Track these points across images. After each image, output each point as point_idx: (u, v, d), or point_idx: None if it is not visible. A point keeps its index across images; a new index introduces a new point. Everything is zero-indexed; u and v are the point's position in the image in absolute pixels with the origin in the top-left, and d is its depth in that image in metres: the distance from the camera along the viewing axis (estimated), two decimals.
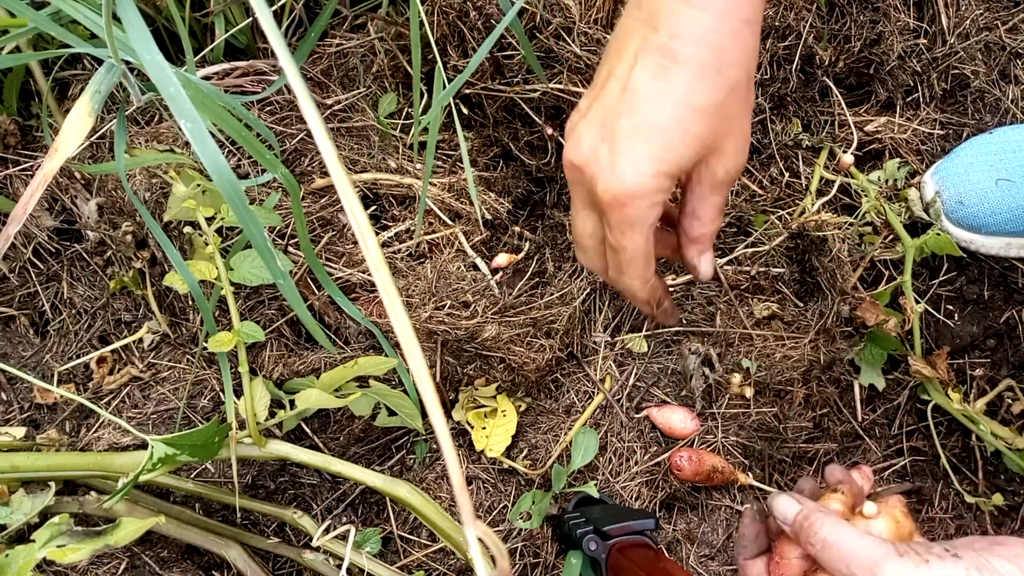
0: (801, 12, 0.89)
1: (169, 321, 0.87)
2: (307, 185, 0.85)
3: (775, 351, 0.87)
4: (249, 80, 0.89)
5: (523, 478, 0.85)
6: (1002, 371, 0.92)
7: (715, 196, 0.57)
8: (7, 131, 0.87)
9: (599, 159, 0.53)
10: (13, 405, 0.86)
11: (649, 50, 0.51)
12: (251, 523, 0.84)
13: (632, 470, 0.85)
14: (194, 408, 0.85)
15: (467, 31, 0.85)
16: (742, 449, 0.87)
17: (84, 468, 0.75)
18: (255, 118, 0.76)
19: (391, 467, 0.87)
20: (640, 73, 0.52)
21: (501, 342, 0.81)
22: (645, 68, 0.52)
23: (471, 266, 0.87)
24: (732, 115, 0.54)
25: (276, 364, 0.82)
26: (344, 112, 0.90)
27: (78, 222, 0.87)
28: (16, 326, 0.89)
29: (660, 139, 0.51)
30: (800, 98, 0.92)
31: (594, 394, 0.87)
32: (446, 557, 0.83)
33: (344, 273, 0.83)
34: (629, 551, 0.73)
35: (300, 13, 0.93)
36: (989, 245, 0.88)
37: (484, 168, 0.93)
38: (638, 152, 0.52)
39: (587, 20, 0.85)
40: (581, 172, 0.54)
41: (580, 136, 0.54)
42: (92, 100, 0.58)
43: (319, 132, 0.33)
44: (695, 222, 0.59)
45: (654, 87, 0.51)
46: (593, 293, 0.90)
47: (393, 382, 0.83)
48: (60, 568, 0.78)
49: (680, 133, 0.51)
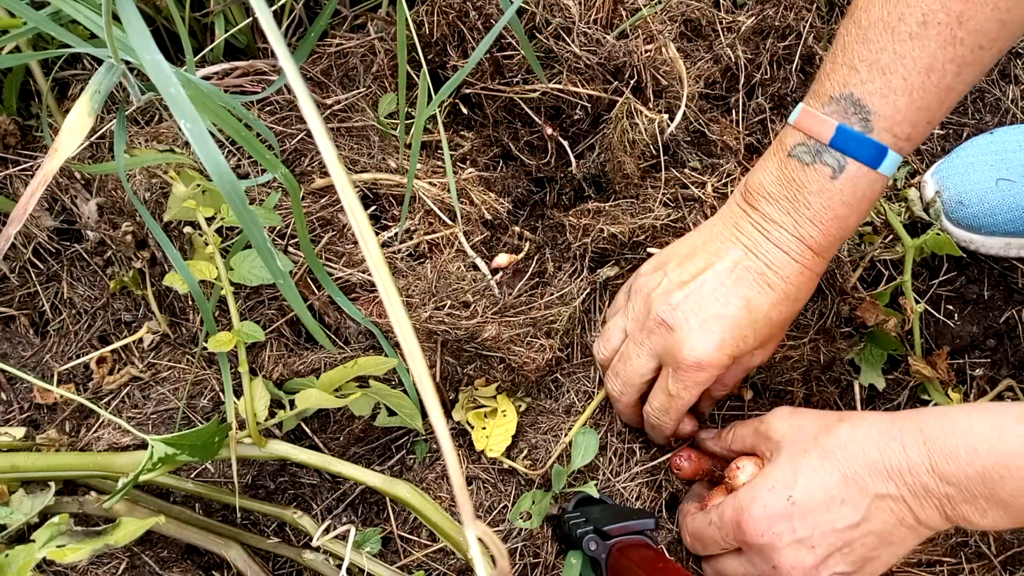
0: (801, 12, 0.89)
1: (169, 321, 0.87)
2: (307, 185, 0.85)
3: (775, 351, 0.87)
4: (249, 80, 0.89)
5: (523, 478, 0.85)
6: (1002, 371, 0.92)
7: (741, 374, 0.79)
8: (7, 131, 0.87)
9: (691, 328, 0.70)
10: (13, 405, 0.86)
11: (748, 269, 0.69)
12: (251, 523, 0.84)
13: (632, 470, 0.85)
14: (194, 408, 0.85)
15: (467, 31, 0.85)
16: None
17: (84, 468, 0.75)
18: (255, 118, 0.76)
19: (391, 467, 0.87)
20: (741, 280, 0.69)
21: (501, 342, 0.81)
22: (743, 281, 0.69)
23: (471, 266, 0.87)
24: (782, 328, 0.74)
25: (276, 364, 0.82)
26: (344, 112, 0.90)
27: (78, 222, 0.87)
28: (16, 326, 0.89)
29: (739, 332, 0.69)
30: (800, 98, 0.92)
31: (594, 394, 0.87)
32: (446, 557, 0.83)
33: (344, 273, 0.83)
34: (629, 551, 0.73)
35: (300, 13, 0.93)
36: (989, 245, 0.88)
37: (484, 168, 0.93)
38: (723, 337, 0.69)
39: (587, 20, 0.85)
40: (671, 331, 0.71)
41: (676, 306, 0.71)
42: (92, 100, 0.58)
43: (319, 132, 0.33)
44: (718, 385, 0.79)
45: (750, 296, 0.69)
46: (593, 293, 0.90)
47: (393, 382, 0.83)
48: (60, 568, 0.79)
49: (752, 332, 0.70)
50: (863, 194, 0.66)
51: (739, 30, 0.90)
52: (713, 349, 0.69)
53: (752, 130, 0.92)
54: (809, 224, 0.67)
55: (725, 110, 0.92)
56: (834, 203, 0.66)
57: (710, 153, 0.90)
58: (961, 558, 0.85)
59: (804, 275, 0.68)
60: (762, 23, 0.89)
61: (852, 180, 0.65)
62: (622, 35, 0.88)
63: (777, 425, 0.71)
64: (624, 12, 0.88)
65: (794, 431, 0.69)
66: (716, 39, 0.91)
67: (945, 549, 0.85)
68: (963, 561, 0.85)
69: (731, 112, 0.92)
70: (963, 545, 0.86)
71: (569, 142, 0.90)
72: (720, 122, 0.91)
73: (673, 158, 0.89)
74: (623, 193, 0.89)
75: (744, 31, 0.90)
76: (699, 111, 0.88)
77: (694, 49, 0.91)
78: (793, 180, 0.67)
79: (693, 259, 0.72)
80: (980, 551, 0.86)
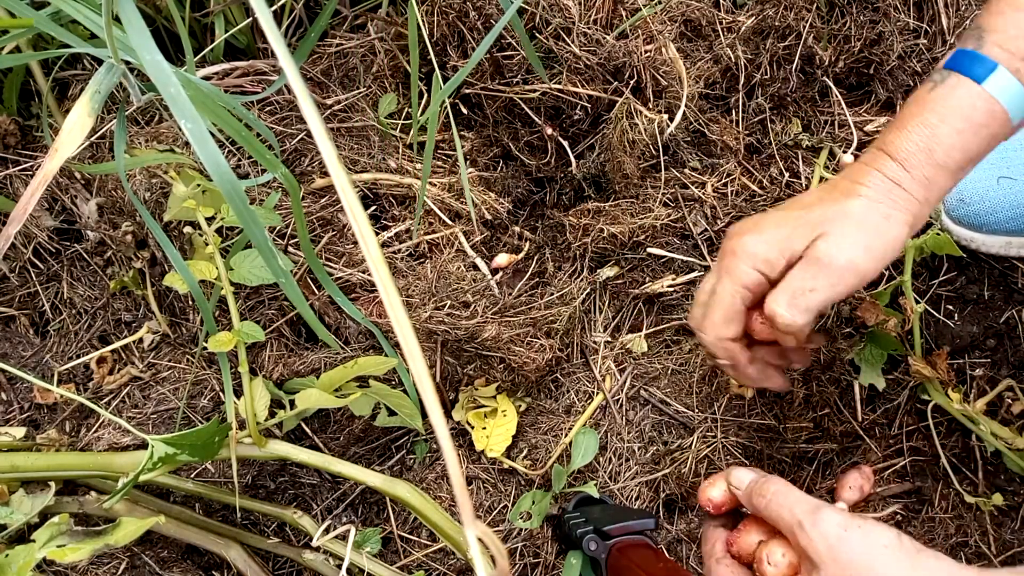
0: (801, 12, 0.89)
1: (169, 321, 0.87)
2: (307, 185, 0.85)
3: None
4: (249, 80, 0.89)
5: (523, 478, 0.85)
6: (1002, 371, 0.92)
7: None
8: (7, 131, 0.87)
9: (745, 228, 0.67)
10: (13, 405, 0.86)
11: (833, 182, 0.66)
12: (251, 523, 0.84)
13: (632, 470, 0.85)
14: (194, 408, 0.85)
15: (467, 31, 0.85)
16: (742, 449, 0.87)
17: (84, 468, 0.75)
18: (255, 118, 0.76)
19: (391, 467, 0.87)
20: (814, 190, 0.68)
21: (501, 342, 0.81)
22: (821, 187, 0.66)
23: (471, 266, 0.87)
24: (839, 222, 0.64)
25: (276, 364, 0.82)
26: (344, 112, 0.90)
27: (78, 222, 0.87)
28: (16, 326, 0.89)
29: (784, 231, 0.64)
30: (800, 98, 0.92)
31: (594, 394, 0.87)
32: (446, 557, 0.83)
33: (344, 273, 0.83)
34: (629, 551, 0.73)
35: (300, 13, 0.93)
36: (990, 244, 0.88)
37: (484, 168, 0.93)
38: (769, 232, 0.65)
39: (586, 20, 0.85)
40: (736, 234, 0.67)
41: (752, 221, 0.67)
42: (92, 100, 0.58)
43: (319, 132, 0.33)
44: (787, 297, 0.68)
45: (815, 203, 0.65)
46: (593, 293, 0.90)
47: (393, 382, 0.83)
48: (60, 568, 0.79)
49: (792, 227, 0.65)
50: (958, 104, 0.62)
51: (739, 30, 0.90)
52: (750, 238, 0.65)
53: (752, 130, 0.92)
54: (894, 131, 0.63)
55: (725, 110, 0.92)
56: (922, 109, 0.63)
57: (710, 153, 0.90)
58: (961, 558, 0.85)
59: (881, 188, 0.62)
60: (762, 23, 0.89)
61: (948, 88, 0.62)
62: (622, 35, 0.88)
63: (821, 545, 0.57)
64: (624, 12, 0.88)
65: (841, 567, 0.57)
66: (716, 39, 0.91)
67: (945, 549, 0.85)
68: (963, 561, 0.85)
69: (731, 112, 0.92)
70: (963, 545, 0.86)
71: (569, 142, 0.90)
72: (720, 122, 0.91)
73: (673, 158, 0.89)
74: (623, 193, 0.89)
75: (744, 31, 0.90)
76: (699, 111, 0.88)
77: (694, 49, 0.91)
78: (900, 110, 0.65)
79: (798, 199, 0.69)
80: (980, 551, 0.86)
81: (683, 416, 0.87)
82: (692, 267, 0.89)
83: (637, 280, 0.90)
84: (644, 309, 0.91)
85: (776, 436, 0.87)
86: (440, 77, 0.81)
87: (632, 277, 0.90)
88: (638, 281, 0.89)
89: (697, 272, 0.89)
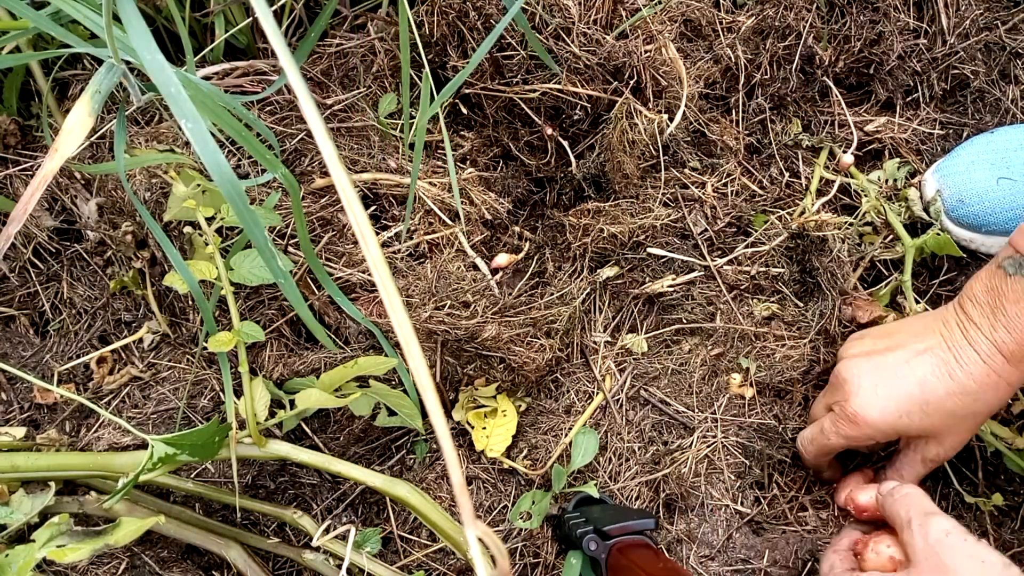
0: (801, 12, 0.89)
1: (169, 321, 0.87)
2: (307, 185, 0.85)
3: (775, 351, 0.87)
4: (249, 80, 0.89)
5: (523, 478, 0.85)
6: None
7: (919, 465, 0.78)
8: (7, 131, 0.87)
9: (862, 387, 0.75)
10: (13, 405, 0.86)
11: (937, 356, 0.72)
12: (251, 523, 0.84)
13: (632, 470, 0.85)
14: (194, 408, 0.85)
15: (467, 31, 0.85)
16: (742, 449, 0.87)
17: (84, 468, 0.75)
18: (255, 118, 0.76)
19: (391, 467, 0.87)
20: (925, 363, 0.73)
21: (501, 342, 0.81)
22: (929, 363, 0.72)
23: (471, 266, 0.87)
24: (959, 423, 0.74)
25: (276, 364, 0.82)
26: (344, 112, 0.90)
27: (78, 222, 0.87)
28: (16, 326, 0.89)
29: (906, 407, 0.72)
30: (800, 98, 0.92)
31: (594, 394, 0.87)
32: (446, 557, 0.83)
33: (344, 273, 0.83)
34: (629, 551, 0.73)
35: (300, 13, 0.93)
36: (989, 244, 0.88)
37: (484, 168, 0.93)
38: (888, 404, 0.73)
39: (586, 20, 0.85)
40: (845, 384, 0.76)
41: (858, 366, 0.76)
42: (92, 100, 0.58)
43: (319, 132, 0.33)
44: (895, 475, 0.80)
45: (928, 378, 0.72)
46: (593, 293, 0.90)
47: (393, 382, 0.83)
48: (60, 568, 0.79)
49: (920, 412, 0.72)
50: None
51: (739, 30, 0.90)
52: (874, 410, 0.73)
53: (752, 130, 0.92)
54: (1004, 331, 0.69)
55: (725, 110, 0.92)
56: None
57: (710, 153, 0.90)
58: None
59: (990, 378, 0.70)
60: (762, 23, 0.89)
61: None
62: (622, 35, 0.88)
63: (920, 543, 0.65)
64: (624, 12, 0.88)
65: None
66: (716, 39, 0.91)
67: None
68: None
69: (731, 112, 0.92)
70: None
71: (569, 142, 0.90)
72: (720, 122, 0.91)
73: (673, 158, 0.89)
74: (623, 193, 0.89)
75: (744, 31, 0.90)
76: (699, 111, 0.88)
77: (694, 49, 0.91)
78: (996, 288, 0.71)
79: (893, 336, 0.77)
80: None
81: (683, 416, 0.87)
82: (692, 267, 0.89)
83: (637, 280, 0.90)
84: (644, 309, 0.91)
85: (776, 436, 0.87)
86: (430, 78, 0.81)
87: (632, 277, 0.90)
88: (638, 281, 0.89)
89: (697, 272, 0.89)
